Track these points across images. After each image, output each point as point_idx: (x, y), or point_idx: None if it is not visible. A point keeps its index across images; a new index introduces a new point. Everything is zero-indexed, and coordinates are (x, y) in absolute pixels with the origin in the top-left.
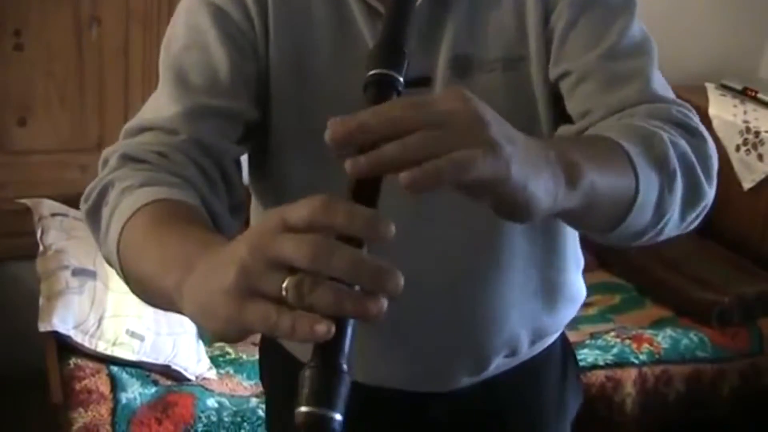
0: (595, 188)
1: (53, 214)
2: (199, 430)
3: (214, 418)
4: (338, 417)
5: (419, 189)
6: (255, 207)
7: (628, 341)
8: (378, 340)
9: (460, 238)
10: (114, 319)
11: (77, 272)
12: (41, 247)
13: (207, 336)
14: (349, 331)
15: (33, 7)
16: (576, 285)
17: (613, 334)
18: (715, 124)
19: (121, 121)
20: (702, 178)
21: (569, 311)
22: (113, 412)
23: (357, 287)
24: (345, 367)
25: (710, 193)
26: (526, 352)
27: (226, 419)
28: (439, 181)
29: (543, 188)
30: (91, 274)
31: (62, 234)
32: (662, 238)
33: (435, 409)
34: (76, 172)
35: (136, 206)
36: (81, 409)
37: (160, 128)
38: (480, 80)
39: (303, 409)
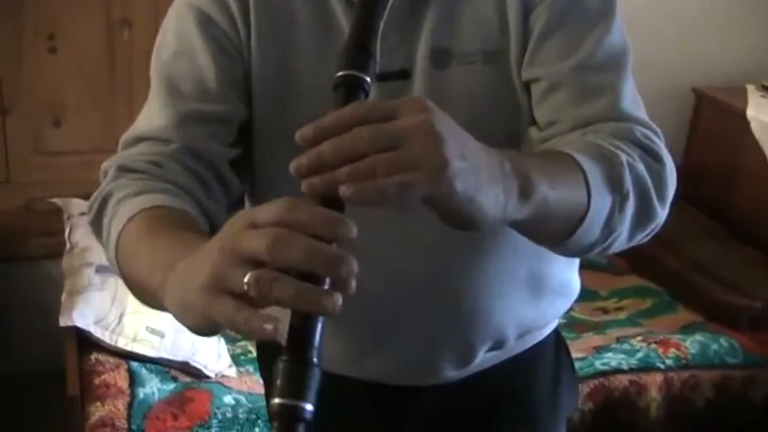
0: (546, 202)
1: (82, 213)
2: (214, 425)
3: (229, 415)
4: (309, 407)
5: (359, 202)
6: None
7: (654, 345)
8: (363, 332)
9: (443, 228)
10: (134, 315)
11: (100, 269)
12: (68, 245)
13: (229, 334)
14: (319, 325)
15: (65, 10)
16: (566, 279)
17: (639, 338)
18: (753, 125)
19: None
20: (655, 201)
21: (558, 305)
22: (129, 406)
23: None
24: (315, 360)
25: (662, 214)
26: (513, 345)
27: (241, 416)
28: (380, 200)
29: (492, 200)
30: (114, 272)
31: (89, 232)
32: (610, 252)
33: (425, 403)
34: None
35: (132, 213)
36: (98, 403)
37: (153, 138)
38: (460, 72)
39: (276, 400)
